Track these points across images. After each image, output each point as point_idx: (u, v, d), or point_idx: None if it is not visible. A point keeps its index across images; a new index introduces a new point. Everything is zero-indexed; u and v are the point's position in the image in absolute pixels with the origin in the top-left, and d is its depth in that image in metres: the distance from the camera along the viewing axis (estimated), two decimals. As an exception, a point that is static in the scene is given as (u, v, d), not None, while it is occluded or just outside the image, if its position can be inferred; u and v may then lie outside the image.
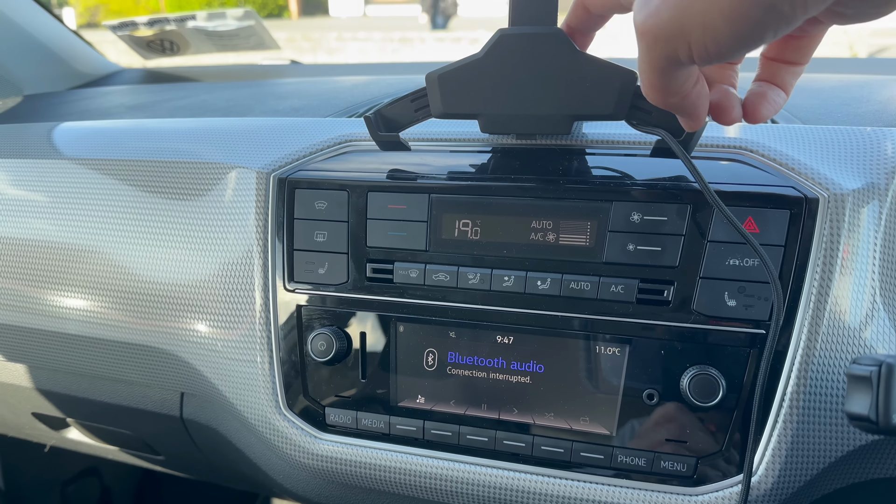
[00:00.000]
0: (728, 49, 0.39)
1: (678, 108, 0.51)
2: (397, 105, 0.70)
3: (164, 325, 0.86)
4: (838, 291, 0.64)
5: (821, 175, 0.65)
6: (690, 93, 0.50)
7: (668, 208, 0.66)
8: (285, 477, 0.86)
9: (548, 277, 0.69)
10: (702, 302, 0.66)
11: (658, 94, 0.48)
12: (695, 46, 0.40)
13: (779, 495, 0.66)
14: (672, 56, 0.42)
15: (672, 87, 0.47)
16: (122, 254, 0.87)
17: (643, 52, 0.44)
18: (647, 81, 0.47)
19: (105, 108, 1.23)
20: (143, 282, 0.86)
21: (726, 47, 0.39)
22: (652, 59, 0.44)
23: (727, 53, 0.40)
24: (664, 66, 0.44)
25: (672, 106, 0.51)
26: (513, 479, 0.72)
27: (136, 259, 0.87)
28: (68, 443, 1.28)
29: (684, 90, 0.48)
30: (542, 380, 0.71)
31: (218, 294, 0.81)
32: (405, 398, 0.75)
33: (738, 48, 0.39)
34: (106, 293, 0.89)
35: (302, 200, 0.77)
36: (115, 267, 0.88)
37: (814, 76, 1.12)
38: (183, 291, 0.84)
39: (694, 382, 0.65)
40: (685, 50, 0.41)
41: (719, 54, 0.40)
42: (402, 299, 0.74)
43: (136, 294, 0.87)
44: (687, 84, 0.48)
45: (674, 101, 0.49)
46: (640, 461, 0.69)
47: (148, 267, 0.86)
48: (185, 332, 0.85)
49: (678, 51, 0.41)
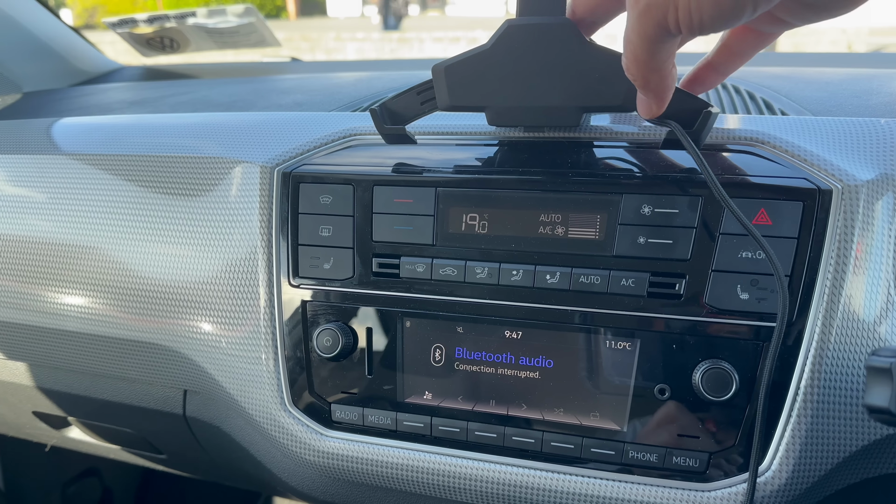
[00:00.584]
0: (710, 19, 0.43)
1: (656, 86, 0.54)
2: (403, 98, 0.69)
3: (166, 322, 0.85)
4: (853, 284, 0.63)
5: (834, 166, 0.64)
6: (669, 72, 0.53)
7: (679, 201, 0.65)
8: (290, 475, 0.85)
9: (557, 271, 0.68)
10: (714, 295, 0.65)
11: (641, 68, 0.51)
12: (682, 13, 0.44)
13: (793, 490, 0.65)
14: (662, 23, 0.45)
15: (656, 62, 0.50)
16: (124, 250, 0.86)
17: (634, 20, 0.47)
18: (632, 55, 0.50)
19: (105, 104, 1.22)
20: (144, 279, 0.85)
21: (709, 17, 0.43)
22: (643, 27, 0.47)
23: (709, 24, 0.44)
24: (653, 35, 0.47)
25: (650, 83, 0.53)
26: (522, 476, 0.71)
27: (137, 256, 0.86)
28: (69, 442, 1.27)
29: (665, 67, 0.51)
30: (551, 375, 0.70)
31: (221, 290, 0.80)
32: (412, 394, 0.74)
33: (720, 19, 0.43)
34: (107, 290, 0.88)
35: (307, 195, 0.76)
36: (116, 264, 0.87)
37: (820, 69, 1.11)
38: (186, 288, 0.83)
39: (706, 377, 0.64)
40: (673, 17, 0.44)
41: (701, 23, 0.44)
42: (409, 294, 0.73)
43: (137, 291, 0.86)
44: (669, 60, 0.51)
45: (653, 79, 0.52)
46: (652, 457, 0.68)
47: (149, 264, 0.85)
48: (188, 329, 0.84)
49: (668, 17, 0.45)
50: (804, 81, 1.01)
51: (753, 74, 1.07)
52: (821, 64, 1.25)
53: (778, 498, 0.65)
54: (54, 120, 1.02)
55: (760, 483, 0.65)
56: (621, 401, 0.68)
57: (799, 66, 1.23)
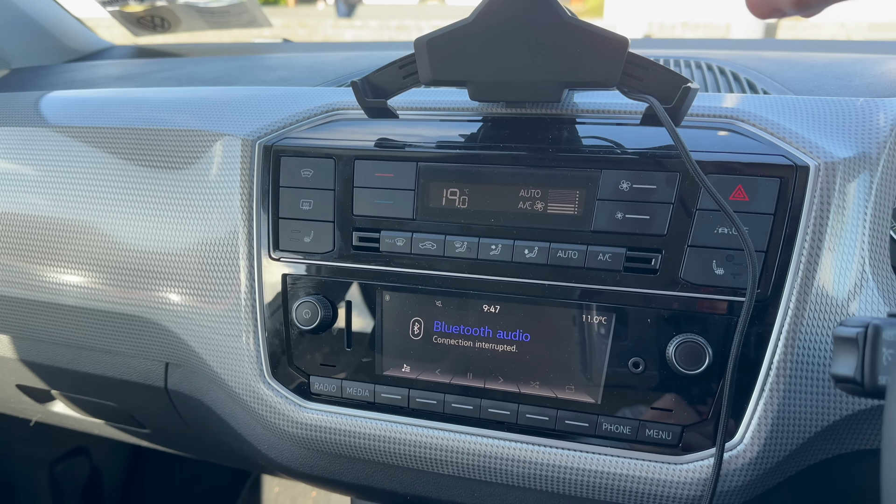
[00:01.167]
0: None
1: None
2: (385, 71, 0.69)
3: (147, 294, 0.85)
4: (828, 260, 0.63)
5: (812, 144, 0.64)
6: None
7: (657, 177, 0.65)
8: (270, 447, 0.85)
9: (535, 246, 0.69)
10: (689, 270, 0.65)
11: None
12: None
13: (764, 464, 0.65)
14: None
15: None
16: (106, 222, 0.86)
17: None
18: None
19: (91, 79, 1.21)
20: (125, 250, 0.85)
21: None
22: None
23: None
24: None
25: None
26: (498, 447, 0.72)
27: (118, 228, 0.86)
28: (54, 417, 1.27)
29: None
30: (528, 349, 0.71)
31: (202, 262, 0.80)
32: (390, 367, 0.75)
33: None
34: (88, 263, 0.88)
35: (288, 168, 0.76)
36: (98, 236, 0.87)
37: (808, 54, 1.11)
38: (165, 259, 0.83)
39: (680, 350, 0.65)
40: None
41: None
42: (389, 268, 0.73)
43: (119, 263, 0.86)
44: None
45: None
46: (625, 429, 0.68)
47: (131, 236, 0.85)
48: (168, 302, 0.84)
49: None
50: (789, 64, 1.01)
51: (742, 57, 1.07)
52: (812, 49, 1.25)
53: (749, 471, 0.66)
54: (41, 93, 1.01)
55: (731, 456, 0.65)
56: (596, 374, 0.69)
57: (791, 51, 1.23)
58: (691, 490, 0.67)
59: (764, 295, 0.64)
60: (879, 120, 0.66)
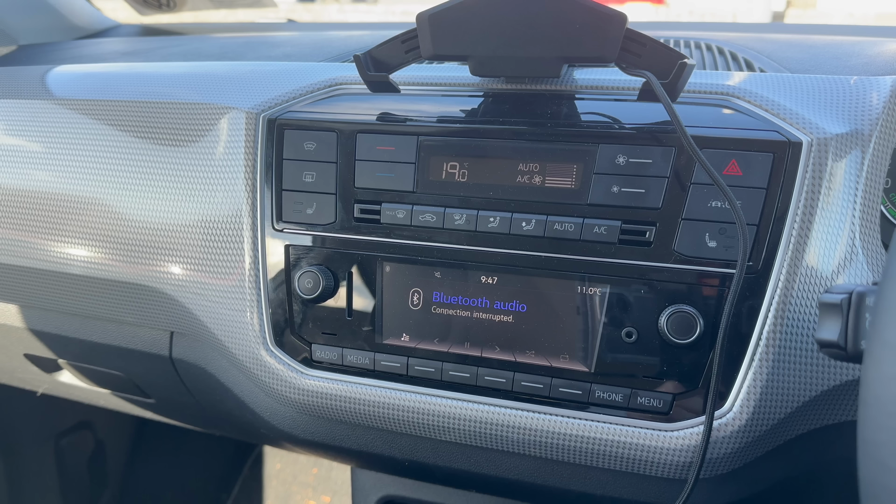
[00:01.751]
0: None
1: None
2: (387, 46, 0.70)
3: (154, 265, 0.87)
4: (818, 234, 0.65)
5: (805, 120, 0.65)
6: None
7: (653, 151, 0.67)
8: (272, 414, 0.87)
9: (532, 218, 0.70)
10: (683, 243, 0.66)
11: None
12: None
13: (752, 432, 0.67)
14: None
15: None
16: (112, 196, 0.88)
17: None
18: None
19: (98, 54, 1.22)
20: (132, 222, 0.87)
21: None
22: None
23: None
24: None
25: None
26: (493, 414, 0.73)
27: (124, 201, 0.87)
28: (60, 388, 1.30)
29: None
30: (524, 319, 0.72)
31: (207, 234, 0.82)
32: (390, 336, 0.77)
33: None
34: (95, 236, 0.89)
35: (291, 141, 0.77)
36: (104, 209, 0.88)
37: (808, 36, 1.12)
38: (171, 231, 0.84)
39: (672, 320, 0.66)
40: None
41: None
42: (389, 239, 0.75)
43: (124, 237, 0.87)
44: None
45: None
46: (617, 397, 0.70)
47: (136, 209, 0.86)
48: (174, 272, 0.86)
49: None
50: (788, 44, 1.01)
51: (742, 38, 1.07)
52: (813, 32, 1.25)
53: (738, 439, 0.68)
54: (48, 67, 1.03)
55: (721, 424, 0.67)
56: (590, 343, 0.71)
57: (792, 33, 1.24)
58: (682, 456, 0.68)
59: (755, 267, 0.65)
60: (872, 98, 0.67)
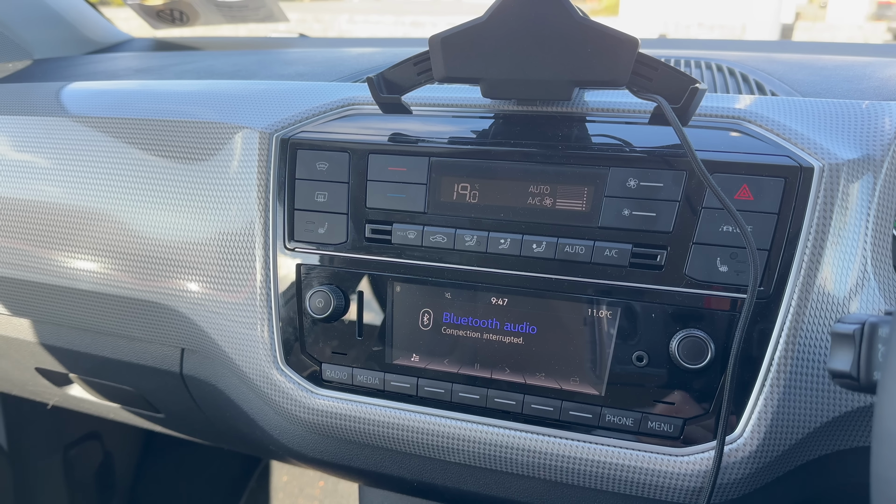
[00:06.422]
0: None
1: None
2: (400, 68, 0.71)
3: (166, 283, 0.87)
4: (830, 260, 0.64)
5: (817, 145, 0.65)
6: None
7: (664, 175, 0.67)
8: (282, 432, 0.88)
9: (543, 241, 0.70)
10: (694, 267, 0.66)
11: None
12: None
13: (763, 458, 0.67)
14: None
15: None
16: (125, 213, 0.89)
17: None
18: None
19: (112, 71, 1.24)
20: (145, 240, 0.87)
21: None
22: None
23: None
24: None
25: None
26: (503, 436, 0.73)
27: (138, 217, 0.88)
28: (71, 401, 1.30)
29: None
30: (534, 341, 0.72)
31: (219, 252, 0.83)
32: (400, 356, 0.77)
33: None
34: (108, 252, 0.90)
35: (304, 161, 0.78)
36: (116, 225, 0.89)
37: (819, 57, 1.12)
38: (184, 249, 0.85)
39: (683, 345, 0.66)
40: None
41: None
42: (400, 260, 0.75)
43: (137, 253, 0.88)
44: None
45: None
46: (628, 421, 0.70)
47: (150, 225, 0.87)
48: (186, 290, 0.86)
49: None
50: (799, 66, 1.02)
51: (752, 59, 1.08)
52: (824, 52, 1.25)
53: (748, 465, 0.67)
54: (62, 84, 1.04)
55: (731, 450, 0.67)
56: (601, 367, 0.71)
57: (803, 53, 1.24)
58: (692, 481, 0.68)
59: (766, 292, 0.65)
60: (885, 123, 0.67)
